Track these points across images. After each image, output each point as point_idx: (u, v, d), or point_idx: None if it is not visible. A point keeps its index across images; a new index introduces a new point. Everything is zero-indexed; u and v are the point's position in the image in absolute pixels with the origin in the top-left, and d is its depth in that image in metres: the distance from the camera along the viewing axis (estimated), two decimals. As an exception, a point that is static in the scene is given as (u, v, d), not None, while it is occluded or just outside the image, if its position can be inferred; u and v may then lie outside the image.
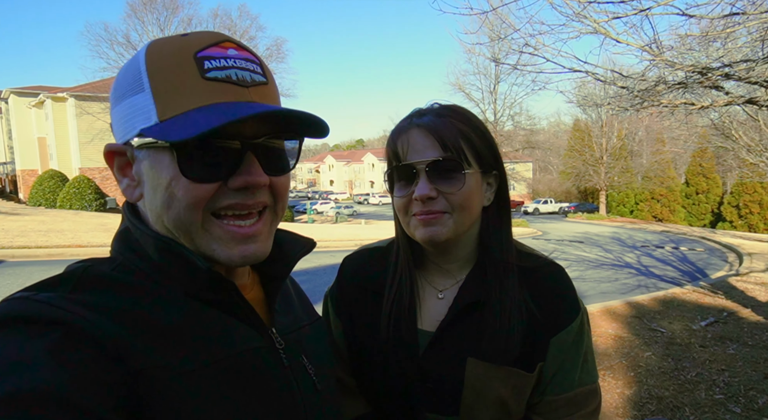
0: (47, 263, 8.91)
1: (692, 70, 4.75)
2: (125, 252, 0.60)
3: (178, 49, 0.56)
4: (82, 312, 0.48)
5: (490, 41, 6.95)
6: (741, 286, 8.14)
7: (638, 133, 34.12)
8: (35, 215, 17.27)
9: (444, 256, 0.95)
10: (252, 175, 0.56)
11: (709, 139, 15.16)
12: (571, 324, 0.89)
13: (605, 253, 14.14)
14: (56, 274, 0.54)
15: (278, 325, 0.68)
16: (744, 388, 3.74)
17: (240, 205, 0.57)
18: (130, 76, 0.57)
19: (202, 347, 0.55)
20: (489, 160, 0.90)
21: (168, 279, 0.58)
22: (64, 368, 0.43)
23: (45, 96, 28.18)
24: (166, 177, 0.55)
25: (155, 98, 0.54)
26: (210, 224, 0.57)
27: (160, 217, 0.57)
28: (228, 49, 0.57)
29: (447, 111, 0.89)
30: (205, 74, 0.55)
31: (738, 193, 29.19)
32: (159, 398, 0.49)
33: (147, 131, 0.54)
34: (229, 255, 0.58)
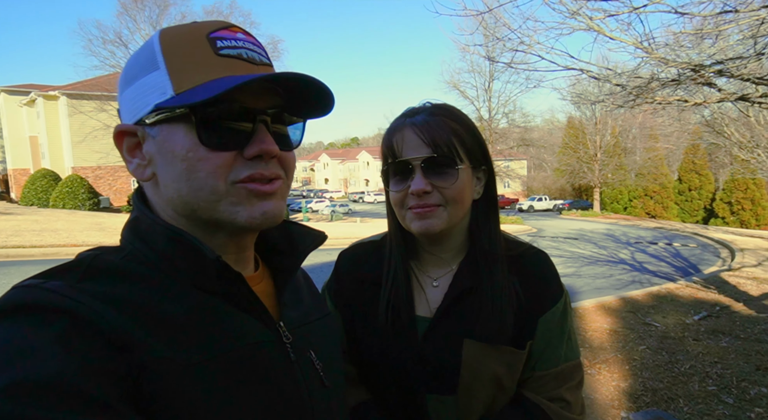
0: (42, 263, 8.86)
1: (686, 67, 4.80)
2: (134, 241, 0.60)
3: (190, 30, 0.59)
4: (89, 301, 0.48)
5: (485, 41, 7.00)
6: (733, 281, 8.26)
7: (632, 130, 34.34)
8: (29, 215, 17.14)
9: (437, 246, 1.01)
10: (266, 143, 0.59)
11: (701, 135, 15.29)
12: (556, 304, 0.97)
13: (599, 250, 14.24)
14: (66, 262, 0.55)
15: (286, 319, 0.68)
16: (736, 380, 3.81)
17: (259, 174, 0.59)
18: (143, 58, 0.59)
19: (209, 340, 0.55)
20: (478, 156, 0.96)
21: (175, 269, 0.58)
22: (72, 357, 0.44)
23: (36, 94, 27.95)
24: (183, 148, 0.56)
25: (170, 74, 0.56)
26: (233, 190, 0.58)
27: (178, 191, 0.58)
28: (236, 32, 0.61)
29: (439, 110, 0.95)
30: (219, 51, 0.58)
31: (730, 189, 29.50)
32: (164, 390, 0.49)
33: (164, 104, 0.56)
34: (251, 213, 0.59)
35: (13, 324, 0.45)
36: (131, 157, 0.61)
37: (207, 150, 0.56)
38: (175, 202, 0.59)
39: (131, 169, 0.62)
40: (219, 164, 0.57)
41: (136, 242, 0.60)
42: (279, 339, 0.64)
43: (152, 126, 0.58)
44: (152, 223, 0.60)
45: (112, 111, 23.06)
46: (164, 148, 0.57)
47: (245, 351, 0.58)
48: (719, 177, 33.79)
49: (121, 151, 0.62)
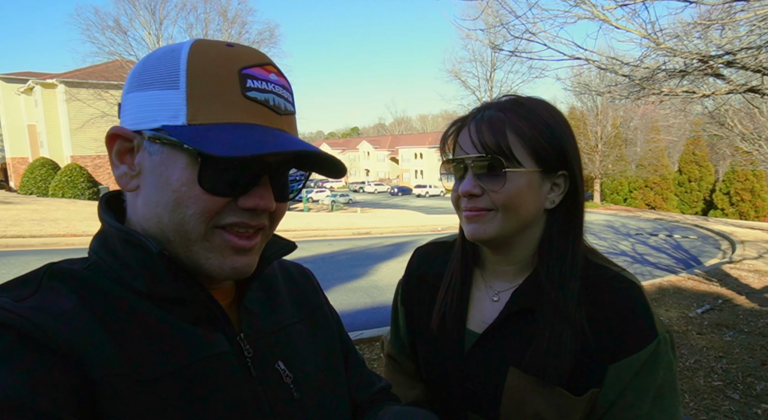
0: (42, 253, 8.83)
1: (693, 57, 4.73)
2: (99, 251, 0.59)
3: (223, 58, 0.55)
4: (36, 317, 0.47)
5: (488, 27, 6.89)
6: (735, 274, 8.25)
7: (633, 121, 34.18)
8: (28, 204, 17.08)
9: (498, 256, 0.92)
10: (263, 199, 0.57)
11: (703, 127, 15.20)
12: (639, 352, 0.78)
13: (600, 241, 14.24)
14: (22, 274, 0.53)
15: (251, 330, 0.65)
16: (742, 375, 3.81)
17: (244, 224, 0.57)
18: (164, 68, 0.55)
19: (164, 355, 0.54)
20: (552, 159, 0.84)
21: (133, 276, 0.56)
22: (18, 372, 0.42)
23: (34, 82, 27.70)
24: (178, 180, 0.54)
25: (189, 100, 0.53)
26: (212, 235, 0.56)
27: (158, 217, 0.56)
28: (270, 73, 0.58)
29: (510, 105, 0.85)
30: (247, 93, 0.55)
31: (729, 180, 29.44)
32: (117, 407, 0.48)
33: (172, 130, 0.53)
34: (221, 264, 0.57)
35: None
36: (120, 162, 0.58)
37: (202, 191, 0.54)
38: (152, 225, 0.57)
39: (117, 174, 0.59)
40: (209, 208, 0.55)
41: (100, 252, 0.59)
42: (240, 352, 0.62)
43: (152, 143, 0.55)
44: (110, 228, 0.58)
45: (110, 99, 22.91)
46: (159, 171, 0.55)
47: (202, 365, 0.56)
48: (720, 169, 33.73)
49: (110, 151, 0.59)
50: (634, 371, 0.78)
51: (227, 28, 25.29)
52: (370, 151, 69.23)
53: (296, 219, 18.78)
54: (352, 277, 7.87)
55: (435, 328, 0.94)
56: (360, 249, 11.80)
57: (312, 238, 13.97)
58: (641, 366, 0.78)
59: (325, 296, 0.89)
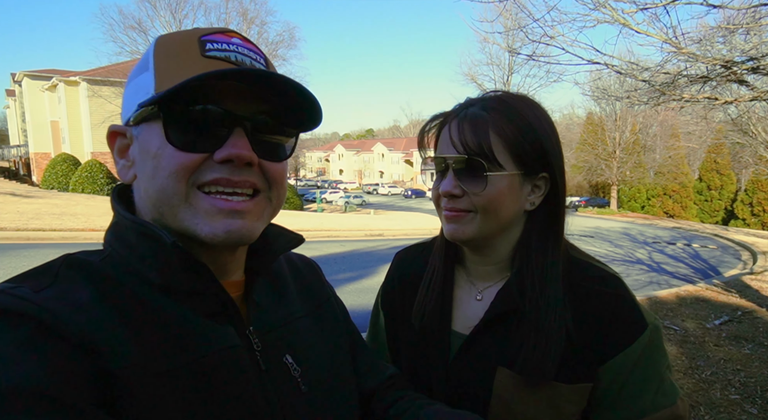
0: (61, 246, 9.03)
1: (716, 63, 4.63)
2: (114, 243, 0.60)
3: (185, 34, 0.59)
4: (55, 306, 0.48)
5: (506, 30, 6.85)
6: (756, 285, 8.04)
7: (652, 127, 33.62)
8: (49, 198, 17.48)
9: (477, 255, 0.91)
10: (238, 147, 0.55)
11: (725, 134, 14.88)
12: (632, 345, 0.79)
13: (615, 249, 14.02)
14: (40, 265, 0.54)
15: (260, 323, 0.66)
16: (760, 389, 3.70)
17: (225, 180, 0.56)
18: (141, 61, 0.60)
19: (177, 347, 0.54)
20: (534, 162, 0.83)
21: (148, 269, 0.57)
22: (38, 361, 0.43)
23: (58, 79, 28.35)
24: (155, 146, 0.55)
25: (156, 74, 0.56)
26: (195, 197, 0.55)
27: (146, 191, 0.57)
28: (232, 37, 0.60)
29: (494, 103, 0.83)
30: (206, 52, 0.57)
31: (752, 190, 28.76)
32: (132, 397, 0.48)
33: (144, 102, 0.55)
34: (212, 229, 0.55)
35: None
36: (120, 157, 0.61)
37: (173, 149, 0.54)
38: (145, 203, 0.58)
39: (118, 169, 0.62)
40: (183, 164, 0.54)
41: (115, 244, 0.60)
42: (249, 346, 0.62)
43: (136, 126, 0.58)
44: (123, 219, 0.59)
45: (130, 97, 23.33)
46: (143, 147, 0.57)
47: (214, 358, 0.56)
48: (742, 177, 32.96)
49: (112, 151, 0.62)
50: (631, 364, 0.79)
51: (246, 28, 25.59)
52: (385, 153, 69.27)
53: (309, 219, 18.88)
54: (363, 278, 7.87)
55: (418, 328, 0.93)
56: (372, 250, 11.81)
57: (325, 238, 14.02)
58: (638, 358, 0.79)
59: (332, 288, 0.88)
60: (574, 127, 44.04)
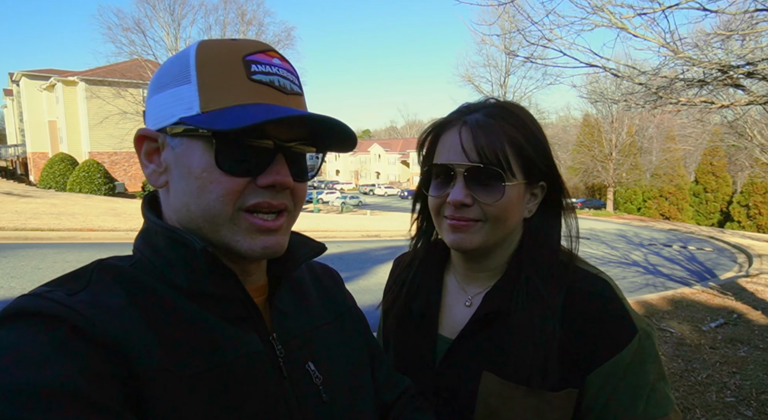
0: (59, 246, 9.00)
1: (713, 67, 4.66)
2: (144, 249, 0.62)
3: (228, 50, 0.59)
4: (88, 310, 0.49)
5: (505, 33, 6.87)
6: (751, 288, 8.08)
7: (649, 129, 33.76)
8: (47, 198, 17.42)
9: (474, 263, 0.91)
10: (281, 175, 0.59)
11: (721, 137, 14.96)
12: (621, 352, 0.76)
13: (611, 251, 14.07)
14: (74, 271, 0.57)
15: (282, 330, 0.67)
16: (756, 392, 3.73)
17: (267, 203, 0.59)
18: (176, 68, 0.60)
19: (201, 352, 0.55)
20: (537, 171, 0.83)
21: (176, 274, 0.59)
22: (71, 362, 0.45)
23: (56, 79, 28.27)
24: (198, 166, 0.57)
25: (200, 90, 0.57)
26: (238, 218, 0.59)
27: (186, 205, 0.59)
28: (273, 58, 0.62)
29: (500, 111, 0.83)
30: (252, 76, 0.58)
31: (748, 192, 28.90)
32: (159, 401, 0.49)
33: (188, 119, 0.57)
34: (251, 245, 0.59)
35: (13, 329, 0.47)
36: (148, 161, 0.62)
37: (221, 173, 0.57)
38: (182, 214, 0.60)
39: (147, 173, 0.63)
40: (231, 189, 0.57)
41: (145, 250, 0.62)
42: (272, 352, 0.63)
43: (173, 137, 0.59)
44: (154, 226, 0.61)
45: (128, 97, 23.28)
46: (181, 162, 0.58)
47: (238, 364, 0.58)
48: (738, 180, 33.10)
49: (139, 154, 0.63)
50: (620, 373, 0.76)
51: (244, 29, 25.58)
52: (381, 153, 69.29)
53: (306, 220, 18.87)
54: (360, 278, 7.87)
55: (405, 332, 0.93)
56: (368, 251, 11.81)
57: (321, 239, 13.79)
58: (627, 366, 0.76)
59: (353, 298, 0.89)
60: (570, 128, 44.15)
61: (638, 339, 0.77)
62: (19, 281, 6.21)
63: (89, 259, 0.61)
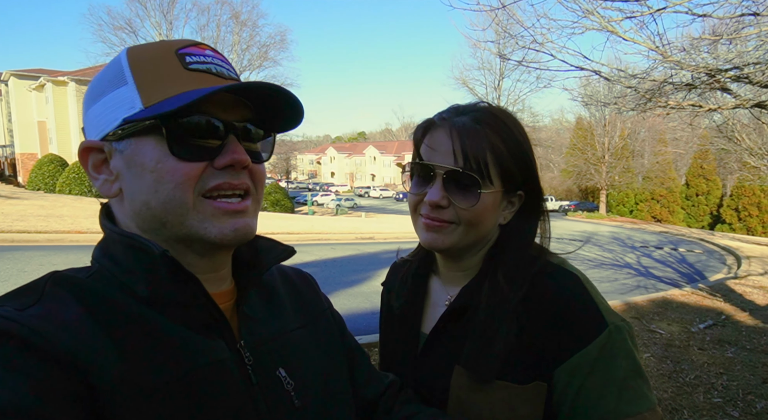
0: (46, 248, 8.89)
1: (701, 71, 4.71)
2: (101, 258, 0.60)
3: (159, 47, 0.60)
4: (39, 325, 0.47)
5: (497, 38, 6.91)
6: (739, 290, 8.17)
7: (640, 132, 34.06)
8: (34, 199, 17.22)
9: (451, 263, 0.92)
10: (237, 153, 0.59)
11: (711, 140, 15.13)
12: (587, 347, 0.74)
13: (604, 253, 14.15)
14: (25, 284, 0.55)
15: (251, 336, 0.66)
16: (742, 393, 3.76)
17: (227, 184, 0.59)
18: (110, 75, 0.60)
19: (166, 363, 0.54)
20: (516, 180, 0.85)
21: (136, 281, 0.57)
22: (20, 379, 0.43)
23: (45, 79, 28.03)
24: (152, 159, 0.56)
25: (139, 88, 0.57)
26: (201, 204, 0.58)
27: (146, 204, 0.57)
28: (205, 49, 0.62)
29: (487, 117, 0.83)
30: (188, 66, 0.59)
31: (737, 195, 29.21)
32: (120, 414, 0.48)
33: (132, 117, 0.56)
34: (221, 229, 0.59)
35: None
36: (97, 173, 0.61)
37: (177, 160, 0.56)
38: (143, 216, 0.59)
39: (98, 185, 0.62)
40: (188, 174, 0.57)
41: (103, 260, 0.60)
42: (240, 359, 0.62)
43: (120, 140, 0.58)
44: (113, 234, 0.60)
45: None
46: (133, 161, 0.57)
47: (204, 372, 0.56)
48: (727, 183, 33.47)
49: (86, 168, 0.62)
50: (588, 367, 0.74)
51: (238, 30, 25.51)
52: (377, 156, 69.35)
53: (300, 222, 18.81)
54: (354, 282, 7.85)
55: (390, 333, 0.98)
56: (363, 254, 11.79)
57: (315, 241, 13.98)
58: (595, 360, 0.74)
59: (328, 300, 0.88)
60: (563, 131, 44.43)
61: (608, 333, 0.75)
62: (4, 285, 6.12)
63: (76, 261, 0.59)
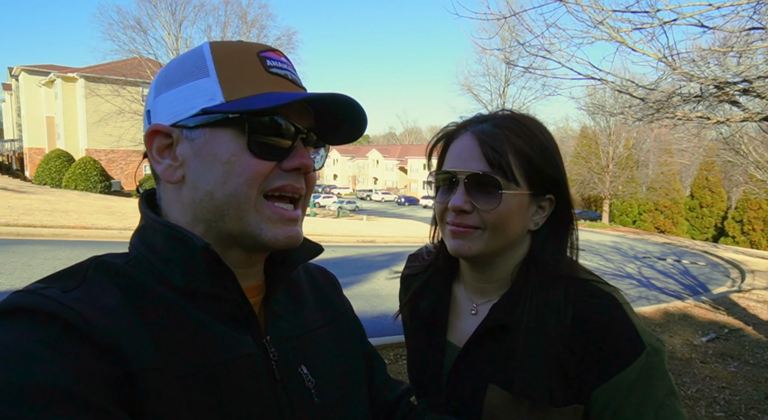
0: (51, 243, 8.94)
1: (710, 83, 4.71)
2: (139, 246, 0.61)
3: (241, 47, 0.63)
4: (81, 308, 0.49)
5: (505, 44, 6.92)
6: (743, 303, 8.12)
7: (646, 143, 34.01)
8: (41, 194, 17.32)
9: (479, 272, 0.91)
10: (305, 158, 0.62)
11: (717, 152, 15.07)
12: (626, 369, 0.74)
13: (606, 262, 14.10)
14: (70, 267, 0.56)
15: (276, 332, 0.66)
16: (744, 408, 3.73)
17: (290, 186, 0.61)
18: (189, 64, 0.61)
19: (196, 353, 0.55)
20: (544, 182, 0.83)
21: (173, 272, 0.59)
22: (64, 360, 0.44)
23: (55, 75, 28.22)
24: (226, 152, 0.58)
25: (222, 82, 0.59)
26: (261, 205, 0.60)
27: (210, 194, 0.59)
28: (281, 56, 0.65)
29: (508, 122, 0.83)
30: (269, 69, 0.62)
31: (743, 208, 29.11)
32: (151, 400, 0.49)
33: (213, 108, 0.58)
34: (275, 234, 0.61)
35: (6, 326, 0.46)
36: (161, 157, 0.62)
37: (251, 156, 0.58)
38: (204, 206, 0.60)
39: (160, 169, 0.62)
40: (259, 172, 0.59)
41: (141, 248, 0.61)
42: (265, 354, 0.63)
43: (193, 129, 0.59)
44: (155, 223, 0.61)
45: (127, 96, 23.26)
46: (204, 151, 0.59)
47: (231, 365, 0.58)
48: (732, 195, 33.38)
49: (150, 150, 0.63)
50: (626, 389, 0.74)
51: (246, 31, 25.64)
52: (380, 159, 69.39)
53: (303, 223, 18.77)
54: (354, 284, 7.85)
55: (416, 339, 0.95)
56: (363, 256, 11.80)
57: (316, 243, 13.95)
58: (634, 382, 0.74)
59: (350, 303, 0.89)
60: (568, 140, 44.39)
61: (646, 355, 0.75)
62: (8, 277, 6.16)
63: (80, 256, 0.61)
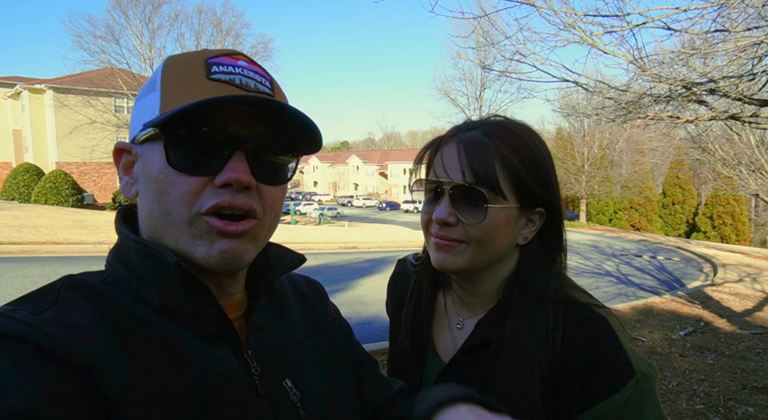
0: (21, 260, 8.61)
1: (678, 84, 4.86)
2: (116, 264, 0.60)
3: (193, 56, 0.60)
4: (54, 329, 0.47)
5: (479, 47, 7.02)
6: (717, 297, 8.37)
7: (619, 143, 34.89)
8: (8, 210, 16.71)
9: (464, 286, 0.87)
10: (237, 171, 0.55)
11: (686, 151, 15.55)
12: (614, 396, 0.70)
13: (585, 261, 14.36)
14: (42, 287, 0.55)
15: (259, 346, 0.64)
16: (723, 399, 3.83)
17: (228, 203, 0.55)
18: (149, 81, 0.61)
19: (173, 370, 0.53)
20: (533, 195, 0.79)
21: (148, 289, 0.57)
22: (35, 385, 0.43)
23: (22, 87, 27.37)
24: (157, 168, 0.56)
25: (162, 95, 0.57)
26: (197, 221, 0.55)
27: (151, 212, 0.57)
28: (238, 60, 0.61)
29: (497, 130, 0.79)
30: (211, 75, 0.57)
31: (712, 204, 30.12)
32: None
33: (148, 122, 0.56)
34: (208, 251, 0.56)
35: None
36: (124, 174, 0.62)
37: (176, 173, 0.55)
38: (147, 223, 0.59)
39: (121, 186, 0.63)
40: (186, 190, 0.55)
41: (117, 265, 0.60)
42: (247, 369, 0.61)
43: (140, 145, 0.59)
44: (128, 240, 0.59)
45: (98, 106, 22.68)
46: (145, 167, 0.58)
47: (211, 382, 0.56)
48: (702, 192, 34.49)
49: (117, 168, 0.63)
50: (613, 416, 0.70)
51: (221, 39, 25.39)
52: (360, 165, 69.42)
53: (283, 232, 18.64)
54: (337, 291, 7.80)
55: (399, 349, 0.93)
56: (346, 263, 11.74)
57: (298, 251, 13.82)
58: (621, 410, 0.70)
59: (337, 309, 0.86)
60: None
61: (635, 382, 0.71)
62: (-23, 297, 5.91)
63: (52, 273, 0.58)
